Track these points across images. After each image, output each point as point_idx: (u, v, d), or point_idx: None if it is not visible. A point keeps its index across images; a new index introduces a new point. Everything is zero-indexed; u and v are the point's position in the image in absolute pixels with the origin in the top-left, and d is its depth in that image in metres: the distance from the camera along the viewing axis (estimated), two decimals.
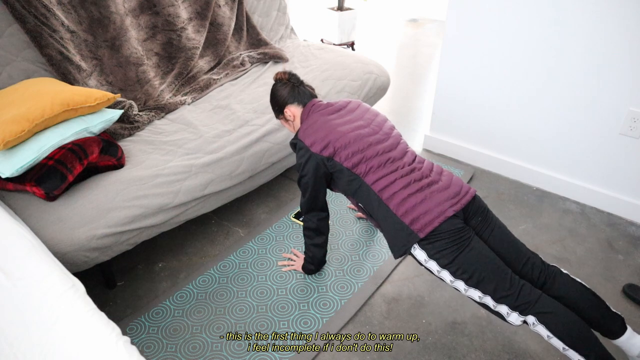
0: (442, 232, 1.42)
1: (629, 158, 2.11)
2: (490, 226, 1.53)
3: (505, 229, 1.55)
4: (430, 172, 1.55)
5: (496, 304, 1.40)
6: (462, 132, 2.61)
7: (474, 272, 1.40)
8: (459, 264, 1.41)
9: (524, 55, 2.21)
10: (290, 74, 1.78)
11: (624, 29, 1.92)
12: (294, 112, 1.73)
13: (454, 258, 1.41)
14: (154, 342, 1.60)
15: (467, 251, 1.41)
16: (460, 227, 1.43)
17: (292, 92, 1.73)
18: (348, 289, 1.81)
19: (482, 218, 1.53)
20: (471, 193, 1.53)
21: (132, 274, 1.90)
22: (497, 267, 1.41)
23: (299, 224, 2.14)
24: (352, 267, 1.91)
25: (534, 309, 1.36)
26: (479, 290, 1.41)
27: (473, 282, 1.40)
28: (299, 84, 1.76)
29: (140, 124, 2.03)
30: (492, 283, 1.39)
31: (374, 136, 1.59)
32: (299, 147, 1.63)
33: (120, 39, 2.17)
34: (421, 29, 5.01)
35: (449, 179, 1.54)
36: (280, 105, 1.76)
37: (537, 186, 2.45)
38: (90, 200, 1.61)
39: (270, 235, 2.08)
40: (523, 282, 1.41)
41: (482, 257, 1.41)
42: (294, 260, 1.93)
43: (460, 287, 1.43)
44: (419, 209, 1.45)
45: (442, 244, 1.42)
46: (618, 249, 2.03)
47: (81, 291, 1.16)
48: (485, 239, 1.51)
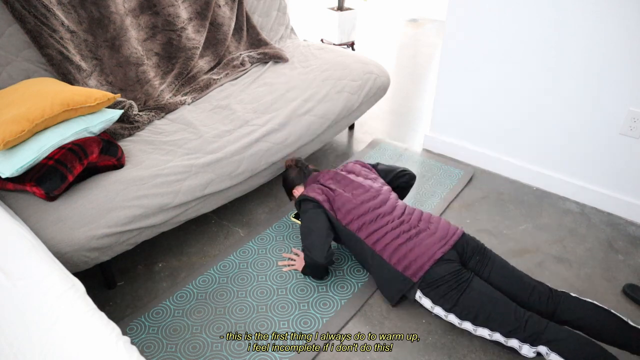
0: (440, 277, 1.52)
1: (629, 158, 2.11)
2: (489, 264, 1.60)
3: (506, 264, 1.61)
4: (419, 222, 1.70)
5: (506, 339, 1.43)
6: (462, 132, 2.61)
7: (478, 311, 1.46)
8: (463, 306, 1.49)
9: (524, 55, 2.21)
10: (297, 159, 2.05)
11: (624, 29, 1.92)
12: (301, 192, 1.98)
13: (456, 301, 1.49)
14: (154, 342, 1.60)
15: (467, 292, 1.49)
16: (456, 270, 1.53)
17: (299, 174, 2.01)
18: (348, 288, 1.81)
19: (480, 257, 1.62)
20: (458, 233, 1.65)
21: (132, 274, 1.90)
22: (500, 303, 1.46)
23: (299, 224, 2.14)
24: (352, 267, 1.91)
25: (543, 339, 1.38)
26: (487, 328, 1.46)
27: (479, 321, 1.47)
28: (305, 167, 2.03)
29: (140, 124, 2.03)
30: (497, 319, 1.44)
31: (364, 195, 1.79)
32: (303, 199, 1.82)
33: (120, 39, 2.17)
34: (421, 29, 5.01)
35: (437, 225, 1.68)
36: (289, 187, 2.03)
37: (537, 186, 2.45)
38: (90, 200, 1.61)
39: (270, 235, 2.08)
40: (529, 314, 1.43)
41: (484, 295, 1.47)
42: (294, 259, 1.93)
43: (469, 327, 1.50)
44: (410, 256, 1.59)
45: (443, 289, 1.52)
46: (618, 249, 2.03)
47: (81, 291, 1.16)
48: (486, 277, 1.58)
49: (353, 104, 2.47)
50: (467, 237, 1.66)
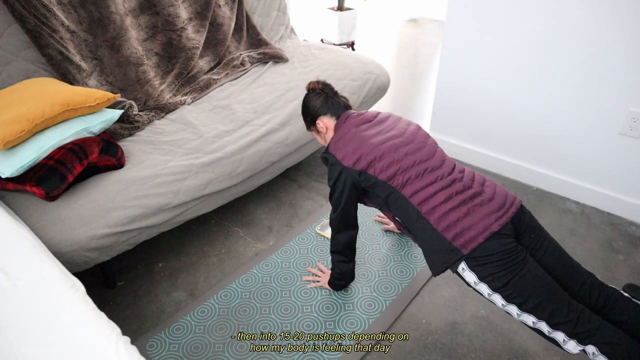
0: (494, 253, 1.31)
1: (629, 158, 2.11)
2: (544, 245, 1.43)
3: (560, 248, 1.45)
4: (472, 183, 1.44)
5: (551, 330, 1.30)
6: (462, 132, 2.61)
7: (529, 296, 1.30)
8: (513, 288, 1.31)
9: (524, 55, 2.21)
10: (324, 83, 1.71)
11: (624, 29, 1.92)
12: (327, 123, 1.66)
13: (507, 281, 1.30)
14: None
15: (521, 274, 1.30)
16: (512, 247, 1.32)
17: (326, 102, 1.66)
18: (376, 307, 1.74)
19: (535, 236, 1.43)
20: (516, 204, 1.43)
21: (132, 274, 1.90)
22: (554, 291, 1.32)
23: (325, 236, 2.07)
24: (379, 283, 1.84)
25: (594, 339, 1.27)
26: (534, 315, 1.31)
27: (527, 307, 1.31)
28: (333, 94, 1.69)
29: (140, 124, 2.03)
30: (548, 308, 1.30)
31: (409, 145, 1.50)
32: (330, 162, 1.55)
33: (120, 39, 2.17)
34: (421, 29, 5.01)
35: (492, 189, 1.44)
36: (312, 116, 1.68)
37: (537, 186, 2.45)
38: (90, 200, 1.61)
39: (294, 247, 2.01)
40: (582, 308, 1.31)
41: (538, 280, 1.31)
42: (319, 275, 1.85)
43: (512, 311, 1.34)
44: (462, 224, 1.35)
45: (494, 266, 1.31)
46: (618, 249, 2.03)
47: (81, 291, 1.16)
48: (538, 258, 1.41)
49: (353, 104, 2.47)
50: (525, 210, 1.45)
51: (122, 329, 1.64)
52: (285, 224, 2.17)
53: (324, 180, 2.49)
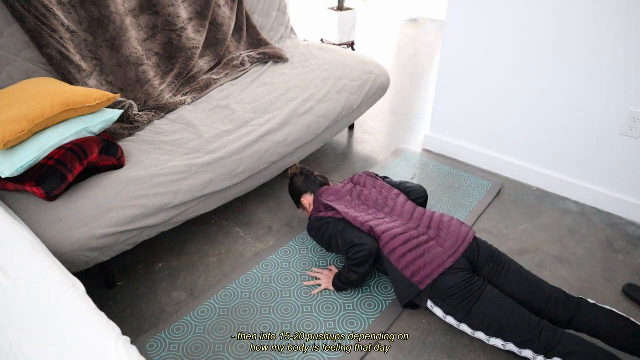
0: (450, 287, 1.48)
1: (629, 158, 2.11)
2: (504, 271, 1.56)
3: (522, 270, 1.56)
4: (428, 229, 1.66)
5: (520, 349, 1.41)
6: (462, 132, 2.61)
7: (492, 321, 1.43)
8: (475, 316, 1.45)
9: (524, 55, 2.21)
10: (302, 167, 2.03)
11: (624, 29, 1.92)
12: (309, 200, 1.96)
13: (468, 311, 1.46)
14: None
15: (480, 302, 1.45)
16: (466, 280, 1.48)
17: (305, 182, 1.98)
18: (376, 307, 1.74)
19: (494, 264, 1.57)
20: (468, 240, 1.60)
21: (132, 274, 1.90)
22: (513, 312, 1.42)
23: None
24: (379, 283, 1.84)
25: (557, 351, 1.35)
26: (500, 338, 1.44)
27: (492, 331, 1.44)
28: (310, 175, 2.00)
29: (140, 124, 2.03)
30: (510, 330, 1.41)
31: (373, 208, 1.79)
32: (312, 224, 1.82)
33: (120, 39, 2.17)
34: (421, 29, 5.01)
35: (447, 231, 1.64)
36: (297, 196, 2.00)
37: (537, 186, 2.45)
38: (90, 200, 1.61)
39: (294, 247, 2.01)
40: (544, 324, 1.40)
41: (497, 305, 1.44)
42: (319, 279, 1.85)
43: (482, 337, 1.48)
44: (418, 263, 1.56)
45: (454, 300, 1.48)
46: (618, 249, 2.03)
47: (81, 291, 1.16)
48: (500, 284, 1.54)
49: (353, 104, 2.47)
50: (479, 243, 1.62)
51: (122, 329, 1.66)
52: (285, 224, 2.17)
53: None
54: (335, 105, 2.37)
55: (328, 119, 2.33)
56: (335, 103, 2.38)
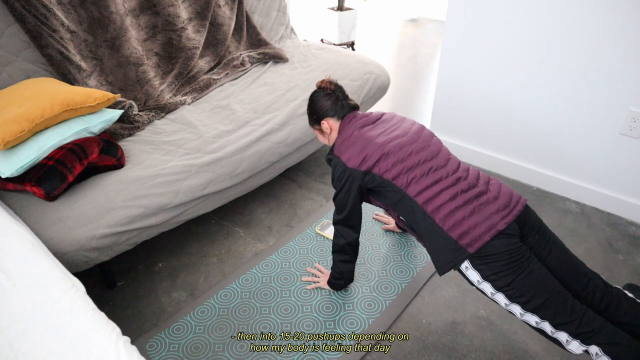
0: (498, 253, 1.32)
1: (629, 158, 2.11)
2: (548, 245, 1.43)
3: (564, 248, 1.45)
4: (477, 182, 1.45)
5: (555, 330, 1.31)
6: (462, 132, 2.61)
7: (533, 296, 1.30)
8: (516, 287, 1.31)
9: (524, 55, 2.21)
10: (337, 85, 1.71)
11: (623, 29, 1.92)
12: (332, 125, 1.67)
13: (511, 281, 1.31)
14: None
15: (525, 274, 1.31)
16: (517, 247, 1.33)
17: (335, 105, 1.66)
18: (376, 307, 1.74)
19: (539, 236, 1.43)
20: (522, 203, 1.43)
21: (132, 274, 1.90)
22: (557, 291, 1.32)
23: (325, 236, 2.07)
24: (379, 283, 1.84)
25: (598, 339, 1.27)
26: (537, 315, 1.32)
27: (531, 306, 1.31)
28: (344, 98, 1.69)
29: (140, 124, 2.03)
30: (551, 308, 1.30)
31: (413, 145, 1.50)
32: (334, 164, 1.56)
33: (120, 39, 2.17)
34: (421, 29, 5.01)
35: (498, 188, 1.44)
36: (319, 115, 1.68)
37: (537, 186, 2.45)
38: (90, 200, 1.61)
39: (294, 247, 2.01)
40: (586, 308, 1.31)
41: (542, 280, 1.32)
42: (318, 276, 1.85)
43: (515, 311, 1.35)
44: (468, 223, 1.35)
45: (498, 266, 1.32)
46: (618, 249, 2.03)
47: (81, 291, 1.16)
48: (542, 258, 1.42)
49: None
50: (530, 210, 1.45)
51: (122, 329, 1.65)
52: (285, 224, 2.17)
53: (324, 180, 2.49)
54: None
55: None
56: None
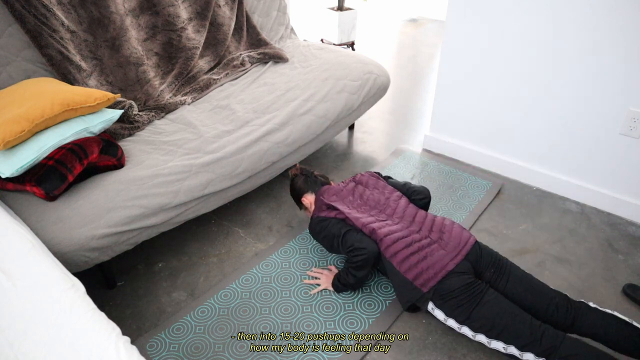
0: (453, 290, 1.50)
1: (629, 158, 2.11)
2: (505, 275, 1.57)
3: (524, 274, 1.58)
4: (430, 232, 1.67)
5: (521, 352, 1.41)
6: (462, 132, 2.61)
7: (493, 324, 1.44)
8: (476, 319, 1.46)
9: (524, 55, 2.21)
10: (302, 167, 2.03)
11: (623, 29, 1.92)
12: (310, 199, 1.95)
13: (469, 313, 1.47)
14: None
15: (481, 305, 1.46)
16: (469, 282, 1.50)
17: (306, 182, 1.97)
18: (376, 307, 1.74)
19: (495, 269, 1.59)
20: (470, 243, 1.62)
21: (132, 274, 1.90)
22: (515, 314, 1.43)
23: None
24: (379, 283, 1.84)
25: (558, 354, 1.35)
26: (502, 341, 1.44)
27: (494, 334, 1.44)
28: (310, 174, 2.00)
29: (140, 124, 2.03)
30: (512, 332, 1.41)
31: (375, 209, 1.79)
32: (314, 224, 1.81)
33: (120, 39, 2.17)
34: (421, 29, 5.01)
35: (449, 234, 1.65)
36: (298, 196, 1.99)
37: (537, 186, 2.45)
38: (90, 200, 1.61)
39: (294, 247, 2.01)
40: (545, 327, 1.41)
41: (498, 308, 1.45)
42: (319, 279, 1.86)
43: (483, 340, 1.48)
44: (421, 266, 1.56)
45: (456, 302, 1.49)
46: (618, 249, 2.03)
47: (81, 291, 1.16)
48: (502, 289, 1.56)
49: (353, 104, 2.47)
50: (481, 247, 1.63)
51: (122, 329, 1.66)
52: (285, 224, 2.17)
53: None
54: (335, 105, 2.37)
55: (328, 119, 2.33)
56: (335, 103, 2.38)
